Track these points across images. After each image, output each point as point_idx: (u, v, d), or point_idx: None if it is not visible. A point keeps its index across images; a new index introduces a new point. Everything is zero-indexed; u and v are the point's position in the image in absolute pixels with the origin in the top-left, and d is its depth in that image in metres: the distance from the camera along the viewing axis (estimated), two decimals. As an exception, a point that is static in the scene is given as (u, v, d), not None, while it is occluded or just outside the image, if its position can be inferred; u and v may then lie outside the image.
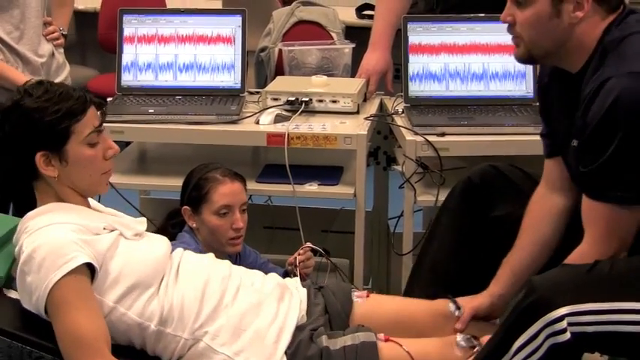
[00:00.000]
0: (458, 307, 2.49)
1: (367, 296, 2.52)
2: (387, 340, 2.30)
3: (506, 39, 3.16)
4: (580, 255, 2.23)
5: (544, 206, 2.51)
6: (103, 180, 2.29)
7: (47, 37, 3.26)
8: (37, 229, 2.14)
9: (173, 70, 3.30)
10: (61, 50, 3.36)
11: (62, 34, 3.37)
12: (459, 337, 2.33)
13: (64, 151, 2.18)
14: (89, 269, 2.13)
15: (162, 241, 2.38)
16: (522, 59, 2.35)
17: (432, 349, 2.32)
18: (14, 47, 3.14)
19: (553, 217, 2.50)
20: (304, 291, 2.45)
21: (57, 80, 3.23)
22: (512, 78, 3.20)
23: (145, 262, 2.24)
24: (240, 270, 2.43)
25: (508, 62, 3.19)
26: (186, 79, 3.30)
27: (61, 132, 2.17)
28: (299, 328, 2.32)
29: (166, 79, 3.30)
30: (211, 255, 2.47)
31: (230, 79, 3.30)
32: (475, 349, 2.28)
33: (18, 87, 2.23)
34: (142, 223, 2.37)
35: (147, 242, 2.33)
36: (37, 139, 2.17)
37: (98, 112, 2.25)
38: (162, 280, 2.26)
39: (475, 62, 3.21)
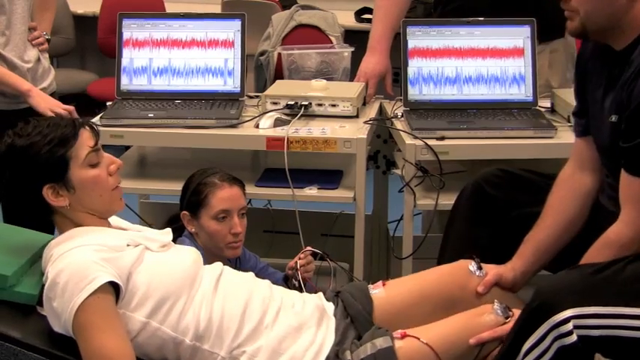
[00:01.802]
0: (480, 268, 2.47)
1: (383, 285, 2.49)
2: (404, 337, 2.25)
3: (506, 43, 3.22)
4: (617, 234, 2.24)
5: (572, 185, 2.52)
6: (116, 196, 2.28)
7: (32, 43, 3.25)
8: (60, 255, 2.14)
9: (172, 74, 3.30)
10: (46, 55, 3.35)
11: (46, 38, 3.36)
12: (496, 305, 2.30)
13: (67, 179, 2.19)
14: (113, 287, 2.12)
15: (190, 250, 2.38)
16: (575, 33, 2.35)
17: (454, 329, 2.28)
18: (0, 53, 3.13)
19: (580, 197, 2.51)
20: (332, 308, 2.41)
21: (43, 85, 3.25)
22: (511, 82, 3.19)
23: (174, 273, 2.23)
24: (280, 290, 2.41)
25: (507, 66, 3.20)
26: (185, 84, 3.30)
27: (59, 161, 2.18)
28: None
29: (166, 83, 3.30)
30: (251, 274, 2.44)
31: (229, 83, 3.30)
32: (508, 320, 2.25)
33: (7, 131, 2.24)
34: (167, 233, 2.37)
35: (173, 253, 2.32)
36: (38, 175, 2.18)
37: (91, 133, 2.25)
38: (193, 290, 2.24)
39: (474, 66, 3.21)
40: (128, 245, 2.23)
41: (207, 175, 2.78)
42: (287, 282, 2.75)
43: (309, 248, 2.80)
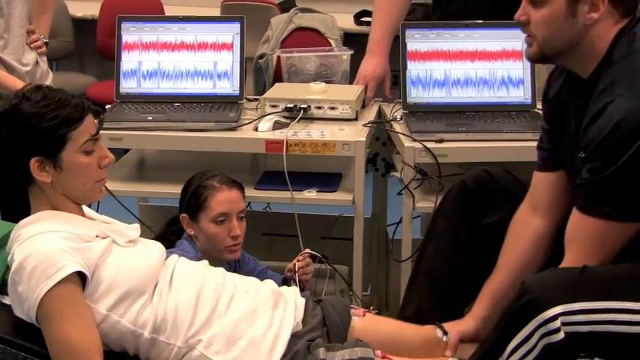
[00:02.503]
0: (445, 333, 2.51)
1: (363, 315, 2.52)
2: (383, 357, 2.30)
3: (504, 45, 3.22)
4: None
5: (524, 228, 2.51)
6: (97, 188, 2.27)
7: (31, 46, 3.25)
8: (28, 238, 2.13)
9: (171, 77, 3.30)
10: (44, 58, 3.35)
11: (44, 41, 3.36)
12: None
13: (59, 158, 2.18)
14: (80, 278, 2.12)
15: (156, 247, 2.37)
16: (534, 58, 2.35)
17: None
18: None
19: (532, 241, 2.50)
20: (302, 300, 2.44)
21: None
22: (510, 84, 3.20)
23: (138, 269, 2.24)
24: (235, 277, 2.42)
25: (506, 68, 3.20)
26: (184, 86, 3.30)
27: (58, 139, 2.16)
28: (294, 336, 2.31)
29: (165, 86, 3.30)
30: (205, 262, 2.46)
31: (228, 86, 3.30)
32: None
33: (17, 91, 2.23)
34: (135, 229, 2.37)
35: (141, 249, 2.32)
36: (32, 145, 2.16)
37: (95, 121, 2.24)
38: (156, 286, 2.25)
39: (473, 69, 3.21)
40: (97, 236, 2.22)
41: (207, 177, 2.78)
42: (286, 284, 2.75)
43: (307, 250, 2.80)
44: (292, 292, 2.46)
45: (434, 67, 3.22)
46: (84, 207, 2.34)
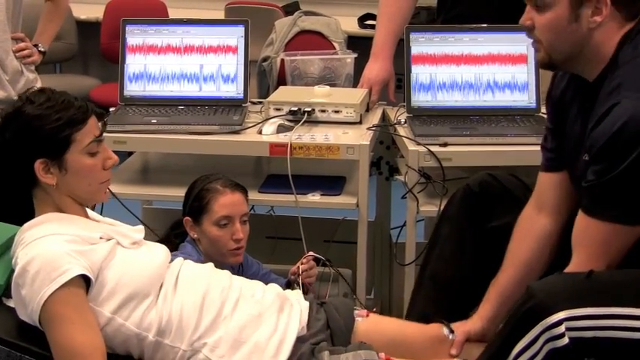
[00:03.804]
0: (451, 331, 2.50)
1: (367, 315, 2.51)
2: None
3: (509, 49, 3.22)
4: None
5: (530, 228, 2.51)
6: (102, 189, 2.28)
7: (17, 55, 3.21)
8: (32, 241, 2.13)
9: (176, 80, 3.30)
10: (32, 67, 3.31)
11: (39, 50, 3.31)
12: None
13: (63, 160, 2.18)
14: (84, 280, 2.12)
15: (161, 249, 2.37)
16: (543, 64, 2.35)
17: None
18: None
19: (538, 240, 2.49)
20: (306, 303, 2.44)
21: None
22: (514, 88, 3.19)
23: (143, 271, 2.23)
24: (240, 280, 2.41)
25: (510, 72, 3.19)
26: (188, 89, 3.30)
27: (62, 140, 2.17)
28: (299, 340, 2.30)
29: (169, 89, 3.30)
30: (211, 265, 2.46)
31: (232, 89, 3.30)
32: None
33: (20, 94, 2.24)
34: (139, 231, 2.37)
35: (145, 251, 2.32)
36: (37, 147, 2.17)
37: (99, 122, 2.25)
38: (160, 289, 2.25)
39: (478, 72, 3.20)
40: (101, 238, 2.22)
41: (210, 181, 2.78)
42: (289, 287, 2.75)
43: (311, 253, 2.80)
44: (297, 296, 2.46)
45: (438, 71, 3.21)
46: (88, 209, 2.34)
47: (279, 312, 2.33)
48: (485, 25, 3.23)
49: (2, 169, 2.23)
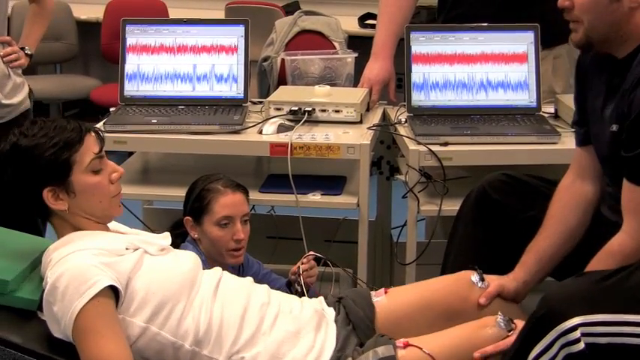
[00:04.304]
0: (482, 279, 2.47)
1: (386, 293, 2.49)
2: (406, 346, 2.24)
3: (509, 48, 3.22)
4: (620, 244, 2.24)
5: (573, 194, 2.52)
6: (114, 203, 2.28)
7: (4, 59, 3.19)
8: (59, 260, 2.14)
9: (176, 80, 3.30)
10: (19, 71, 3.28)
11: (26, 53, 3.29)
12: (500, 318, 2.29)
13: (69, 183, 2.19)
14: (113, 292, 2.12)
15: (189, 255, 2.38)
16: (580, 44, 2.36)
17: (456, 340, 2.27)
18: None
19: (580, 206, 2.51)
20: (332, 313, 2.41)
21: (13, 101, 3.21)
22: (515, 87, 3.19)
23: (172, 277, 2.23)
24: (279, 295, 2.40)
25: (511, 72, 3.19)
26: (188, 89, 3.30)
27: (63, 164, 2.18)
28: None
29: (169, 89, 3.30)
30: (250, 279, 2.45)
31: (233, 89, 3.30)
32: (510, 333, 2.24)
33: (12, 130, 2.23)
34: (165, 237, 2.37)
35: (172, 257, 2.32)
36: (40, 176, 2.17)
37: (96, 138, 2.25)
38: (192, 294, 2.24)
39: (478, 72, 3.20)
40: (127, 249, 2.22)
41: (211, 181, 2.78)
42: (290, 287, 2.75)
43: (311, 253, 2.79)
44: (330, 312, 2.41)
45: (438, 70, 3.21)
46: (112, 222, 2.34)
47: (316, 330, 2.31)
48: (485, 24, 3.23)
49: (15, 206, 2.24)
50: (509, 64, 3.20)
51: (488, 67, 3.21)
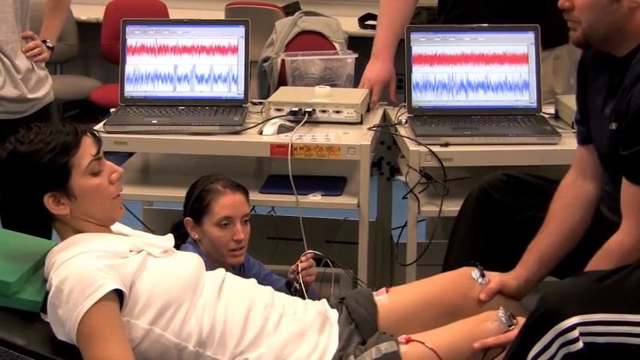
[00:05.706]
0: (482, 275, 2.48)
1: (387, 292, 2.49)
2: (408, 342, 2.25)
3: (510, 49, 3.21)
4: (618, 243, 2.24)
5: (574, 193, 2.53)
6: (116, 205, 2.29)
7: (26, 55, 3.21)
8: (63, 262, 2.14)
9: (176, 81, 3.30)
10: (42, 64, 3.31)
11: (48, 46, 3.31)
12: (501, 313, 2.30)
13: (69, 187, 2.19)
14: (117, 295, 2.12)
15: (192, 256, 2.38)
16: (578, 43, 2.36)
17: (458, 335, 2.28)
18: None
19: (582, 205, 2.52)
20: (335, 315, 2.41)
21: (37, 94, 3.22)
22: (515, 88, 3.19)
23: (176, 279, 2.23)
24: (282, 297, 2.41)
25: (511, 72, 3.19)
26: (189, 90, 3.30)
27: (61, 169, 2.18)
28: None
29: (169, 90, 3.30)
30: (254, 281, 2.45)
31: (233, 90, 3.30)
32: (511, 328, 2.26)
33: (9, 138, 2.24)
34: (169, 239, 2.37)
35: (175, 259, 2.32)
36: (40, 182, 2.18)
37: (93, 141, 2.25)
38: (196, 295, 2.24)
39: (478, 72, 3.20)
40: (131, 251, 2.23)
41: (211, 181, 2.78)
42: (289, 287, 2.75)
43: (310, 251, 2.79)
44: (334, 315, 2.42)
45: (439, 71, 3.21)
46: (115, 224, 2.34)
47: (319, 332, 2.32)
48: (486, 24, 3.23)
49: (16, 211, 2.26)
50: (510, 64, 3.20)
51: (489, 68, 3.21)
